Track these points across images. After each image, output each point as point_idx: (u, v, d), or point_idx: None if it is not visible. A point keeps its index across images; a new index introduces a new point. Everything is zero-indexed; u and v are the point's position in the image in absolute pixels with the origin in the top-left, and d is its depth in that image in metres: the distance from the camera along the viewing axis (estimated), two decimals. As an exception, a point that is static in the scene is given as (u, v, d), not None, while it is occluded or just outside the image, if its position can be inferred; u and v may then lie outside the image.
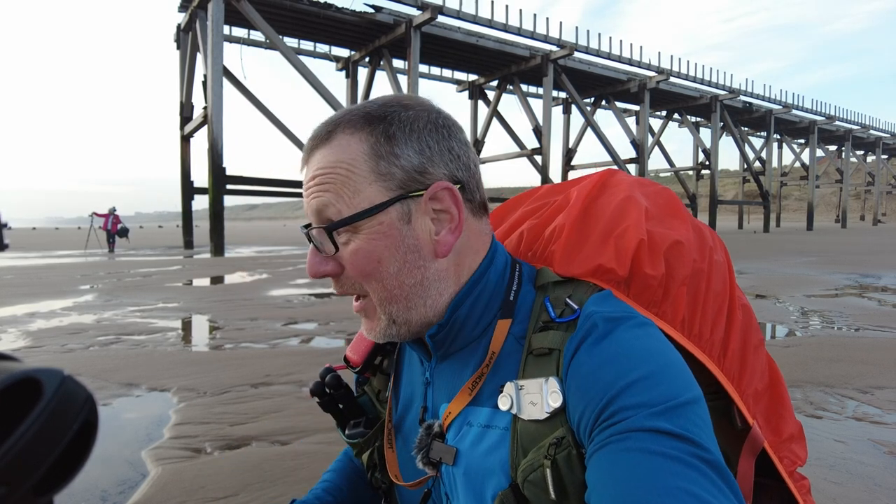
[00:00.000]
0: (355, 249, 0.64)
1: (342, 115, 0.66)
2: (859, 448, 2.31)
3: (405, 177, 0.64)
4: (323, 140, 0.66)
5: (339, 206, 0.63)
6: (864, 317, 5.42)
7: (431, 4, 17.33)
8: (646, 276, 0.70)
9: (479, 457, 0.63)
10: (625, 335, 0.59)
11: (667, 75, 25.26)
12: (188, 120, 18.42)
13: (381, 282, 0.65)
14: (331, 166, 0.64)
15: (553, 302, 0.66)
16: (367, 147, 0.64)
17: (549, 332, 0.63)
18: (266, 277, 9.58)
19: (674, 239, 0.73)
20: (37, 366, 0.26)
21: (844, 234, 31.44)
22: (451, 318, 0.67)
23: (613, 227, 0.72)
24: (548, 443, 0.57)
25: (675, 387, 0.54)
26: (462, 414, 0.66)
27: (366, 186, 0.63)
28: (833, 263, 11.59)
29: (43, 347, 4.29)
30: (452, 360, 0.70)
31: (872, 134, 44.80)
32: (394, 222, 0.64)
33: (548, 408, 0.58)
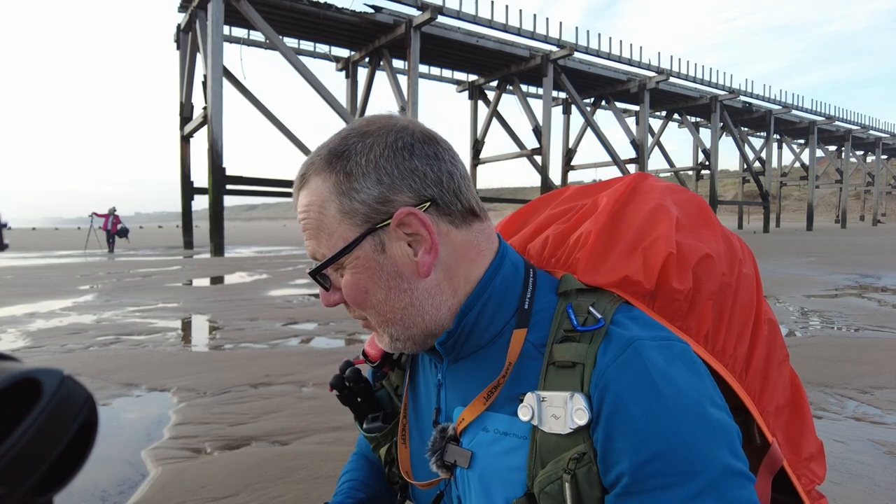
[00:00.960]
0: (345, 283, 0.67)
1: (313, 157, 0.69)
2: (859, 448, 2.31)
3: (368, 210, 0.64)
4: (300, 184, 0.69)
5: (321, 249, 0.67)
6: (863, 317, 5.42)
7: (431, 4, 17.33)
8: (672, 290, 0.68)
9: (495, 462, 0.63)
10: (663, 374, 0.57)
11: (666, 75, 25.26)
12: (188, 120, 18.41)
13: (374, 307, 0.68)
14: (306, 210, 0.67)
15: (575, 310, 0.64)
16: (330, 186, 0.65)
17: (572, 343, 0.61)
18: (266, 277, 9.58)
19: (704, 252, 0.71)
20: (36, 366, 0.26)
21: (844, 234, 31.45)
22: (459, 326, 0.67)
23: (642, 238, 0.71)
24: (568, 457, 0.57)
25: (717, 449, 0.54)
26: (478, 419, 0.66)
27: (336, 226, 0.65)
28: (833, 264, 11.60)
29: (43, 347, 4.29)
30: (465, 363, 0.70)
31: (872, 134, 44.81)
32: (369, 255, 0.65)
33: (572, 424, 0.57)
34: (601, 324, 0.61)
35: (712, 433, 0.55)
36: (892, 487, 1.97)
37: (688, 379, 0.58)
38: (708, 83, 27.75)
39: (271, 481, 2.07)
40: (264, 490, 2.00)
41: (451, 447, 0.67)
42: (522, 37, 20.35)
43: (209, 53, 15.20)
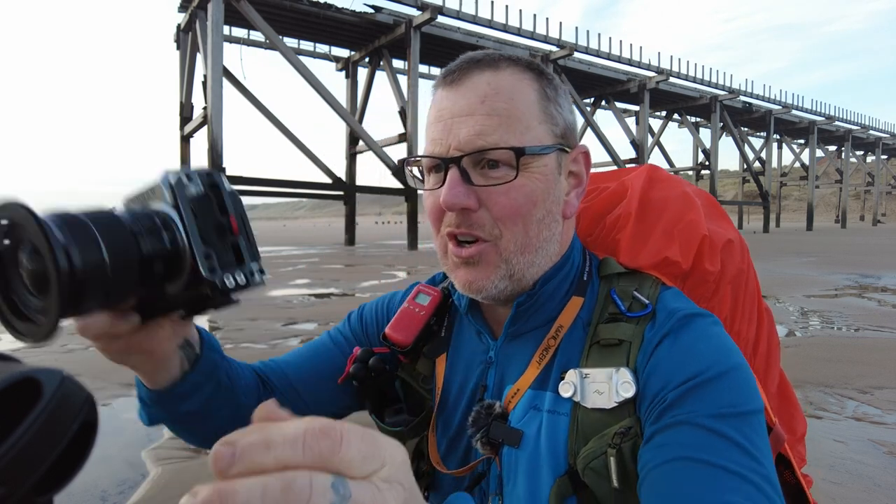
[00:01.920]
0: (517, 185, 0.61)
1: (497, 53, 0.65)
2: (859, 448, 2.31)
3: (564, 129, 0.65)
4: (489, 65, 0.63)
5: (506, 137, 0.60)
6: (863, 317, 5.42)
7: (431, 5, 17.33)
8: (704, 272, 0.72)
9: (545, 442, 0.62)
10: (706, 331, 0.60)
11: (666, 75, 25.26)
12: (188, 120, 18.42)
13: (526, 226, 0.62)
14: (496, 92, 0.61)
15: (620, 295, 0.66)
16: (536, 87, 0.63)
17: (620, 323, 0.63)
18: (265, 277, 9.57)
19: (727, 238, 0.75)
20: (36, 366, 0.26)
21: (844, 234, 31.45)
22: (540, 289, 0.66)
23: (676, 221, 0.73)
24: (613, 431, 0.57)
25: (746, 394, 0.56)
26: (529, 396, 0.65)
27: (536, 125, 0.62)
28: (833, 264, 11.60)
29: (43, 348, 4.29)
30: (521, 341, 0.68)
31: (872, 134, 44.81)
32: (552, 169, 0.64)
33: (617, 397, 0.58)
34: (649, 309, 0.63)
35: (749, 378, 0.58)
36: (892, 487, 1.97)
37: (725, 342, 0.61)
38: (708, 83, 27.76)
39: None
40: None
41: (497, 425, 0.64)
42: (522, 37, 20.34)
43: (209, 53, 15.20)
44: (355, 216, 21.00)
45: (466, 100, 0.61)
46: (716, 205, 0.82)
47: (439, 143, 0.62)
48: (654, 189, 0.77)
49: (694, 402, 0.54)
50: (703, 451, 0.51)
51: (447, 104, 0.63)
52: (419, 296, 0.79)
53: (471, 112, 0.61)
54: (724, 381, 0.56)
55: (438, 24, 18.93)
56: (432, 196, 0.65)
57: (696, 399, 0.54)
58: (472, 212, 0.61)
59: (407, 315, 0.77)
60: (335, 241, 25.10)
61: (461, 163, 0.61)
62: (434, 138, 0.63)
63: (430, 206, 0.66)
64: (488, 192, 0.61)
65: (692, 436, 0.52)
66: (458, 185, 0.60)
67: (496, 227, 0.62)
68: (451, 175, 0.61)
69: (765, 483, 0.50)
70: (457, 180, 0.60)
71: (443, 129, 0.62)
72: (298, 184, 17.71)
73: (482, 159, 0.61)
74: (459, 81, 0.63)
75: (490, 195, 0.61)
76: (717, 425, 0.52)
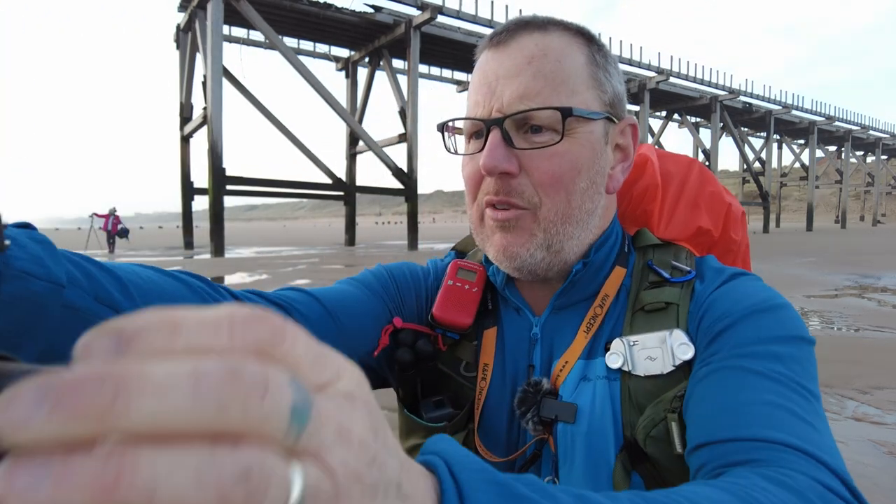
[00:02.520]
0: (561, 150, 0.58)
1: (546, 17, 0.63)
2: (859, 448, 2.31)
3: (613, 97, 0.63)
4: (538, 27, 0.60)
5: (552, 99, 0.57)
6: (863, 317, 5.42)
7: (431, 4, 17.34)
8: (730, 241, 0.74)
9: (601, 411, 0.58)
10: (756, 283, 0.60)
11: (666, 75, 25.27)
12: (188, 120, 18.42)
13: (568, 195, 0.59)
14: (545, 52, 0.58)
15: (658, 264, 0.65)
16: (585, 52, 0.61)
17: (664, 288, 0.61)
18: (266, 278, 9.58)
19: (742, 210, 0.77)
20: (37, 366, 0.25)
21: (844, 234, 31.44)
22: (592, 257, 0.64)
23: (699, 191, 0.74)
24: (671, 395, 0.55)
25: (800, 325, 0.56)
26: (578, 367, 0.61)
27: (584, 90, 0.60)
28: (832, 264, 11.59)
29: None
30: (566, 314, 0.65)
31: (872, 134, 44.82)
32: (599, 137, 0.61)
33: (675, 361, 0.56)
34: (692, 274, 0.62)
35: (791, 309, 0.57)
36: (892, 487, 1.97)
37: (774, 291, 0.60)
38: (708, 83, 27.76)
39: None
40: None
41: (548, 401, 0.60)
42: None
43: (209, 53, 15.20)
44: (355, 216, 21.00)
45: (512, 60, 0.58)
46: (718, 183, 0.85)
47: (481, 105, 0.59)
48: (668, 163, 0.76)
49: (746, 329, 0.54)
50: (747, 361, 0.51)
51: (492, 66, 0.60)
52: (461, 272, 0.70)
53: (517, 73, 0.58)
54: (779, 312, 0.55)
55: (438, 24, 18.93)
56: (472, 161, 0.62)
57: (748, 325, 0.54)
58: (511, 178, 0.58)
59: (457, 293, 0.68)
60: (335, 241, 25.09)
61: (503, 125, 0.58)
62: (476, 101, 0.60)
63: (469, 173, 0.63)
64: (530, 157, 0.58)
65: (739, 352, 0.52)
66: (498, 147, 0.57)
67: (536, 195, 0.58)
68: (492, 137, 0.58)
69: (810, 396, 0.49)
70: (498, 142, 0.57)
71: (486, 92, 0.59)
72: (298, 184, 17.71)
73: (526, 122, 0.58)
74: (506, 43, 0.60)
75: (532, 159, 0.58)
76: (768, 347, 0.52)
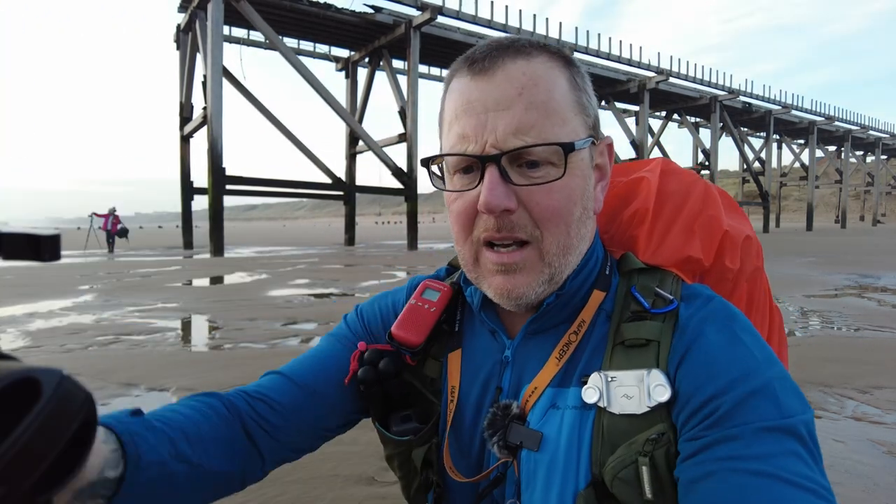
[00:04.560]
0: (559, 184, 0.57)
1: (524, 39, 0.61)
2: (858, 448, 2.31)
3: (594, 119, 0.62)
4: (520, 52, 0.58)
5: (546, 132, 0.56)
6: (863, 317, 5.42)
7: (431, 5, 17.33)
8: (724, 269, 0.69)
9: (566, 442, 0.57)
10: (750, 331, 0.57)
11: (666, 76, 25.26)
12: (188, 120, 18.41)
13: (567, 226, 0.58)
14: (534, 81, 0.56)
15: (641, 291, 0.62)
16: (567, 76, 0.60)
17: (645, 322, 0.58)
18: (265, 278, 9.58)
19: (746, 234, 0.72)
20: (35, 366, 0.26)
21: (844, 234, 31.45)
22: (567, 287, 0.62)
23: (697, 215, 0.70)
24: (644, 438, 0.53)
25: (800, 399, 0.53)
26: (548, 395, 0.60)
27: (573, 117, 0.58)
28: (832, 264, 11.59)
29: (42, 347, 4.29)
30: (540, 338, 0.64)
31: (871, 134, 44.81)
32: (587, 163, 0.60)
33: (650, 402, 0.54)
34: (674, 305, 0.59)
35: (793, 386, 0.55)
36: (892, 487, 1.97)
37: (768, 347, 0.58)
38: (708, 83, 27.76)
39: (269, 480, 2.07)
40: (262, 489, 2.00)
41: (515, 427, 0.60)
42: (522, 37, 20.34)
43: (209, 53, 15.19)
44: (355, 216, 20.99)
45: (501, 90, 0.56)
46: (731, 200, 0.79)
47: (472, 139, 0.57)
48: (671, 182, 0.73)
49: (747, 412, 0.50)
50: (762, 463, 0.47)
51: (478, 95, 0.57)
52: (427, 291, 0.73)
53: (508, 105, 0.55)
54: (778, 388, 0.52)
55: (438, 25, 18.92)
56: (462, 198, 0.59)
57: (750, 408, 0.50)
58: (510, 213, 0.57)
59: (416, 312, 0.71)
60: (335, 241, 25.09)
61: (500, 161, 0.56)
62: (465, 134, 0.57)
63: (461, 210, 0.60)
64: (529, 192, 0.56)
65: (749, 447, 0.49)
66: (499, 185, 0.55)
67: (536, 228, 0.57)
68: (490, 175, 0.56)
69: (826, 493, 0.48)
70: (497, 180, 0.55)
71: (476, 125, 0.56)
72: (298, 184, 17.70)
73: (521, 157, 0.56)
74: (490, 70, 0.57)
75: (531, 195, 0.56)
76: (775, 436, 0.49)
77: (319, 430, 0.72)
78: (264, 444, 0.67)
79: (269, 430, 0.67)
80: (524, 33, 20.04)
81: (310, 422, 0.70)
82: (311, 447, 0.73)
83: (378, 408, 0.71)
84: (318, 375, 0.71)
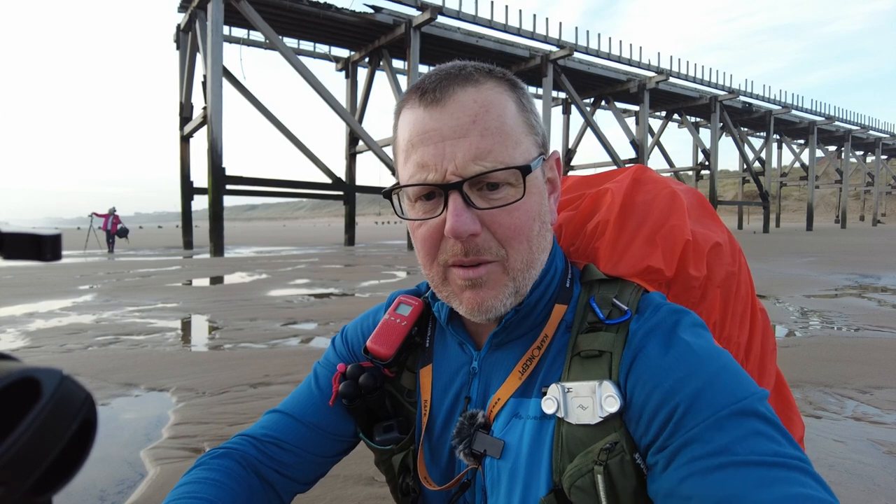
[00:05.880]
0: (519, 205, 0.59)
1: (469, 66, 0.63)
2: (858, 448, 2.31)
3: (542, 137, 0.64)
4: (468, 80, 0.60)
5: (503, 156, 0.58)
6: (863, 317, 5.42)
7: (431, 5, 17.33)
8: (689, 278, 0.70)
9: (527, 451, 0.60)
10: (691, 332, 0.58)
11: (666, 76, 25.26)
12: (188, 120, 18.41)
13: (529, 242, 0.61)
14: (486, 108, 0.59)
15: (599, 302, 0.64)
16: (515, 98, 0.62)
17: (599, 333, 0.60)
18: (265, 278, 9.58)
19: (714, 241, 0.73)
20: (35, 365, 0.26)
21: (844, 234, 31.45)
22: (525, 302, 0.64)
23: (660, 225, 0.71)
24: (599, 447, 0.55)
25: (746, 382, 0.54)
26: (511, 405, 0.63)
27: (524, 138, 0.61)
28: (832, 264, 11.59)
29: (41, 347, 4.29)
30: (506, 350, 0.67)
31: (872, 134, 44.81)
32: (541, 180, 0.63)
33: (602, 413, 0.55)
34: (627, 315, 0.61)
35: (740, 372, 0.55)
36: (892, 487, 1.97)
37: (711, 341, 0.59)
38: (708, 83, 27.75)
39: (270, 481, 2.07)
40: (263, 490, 2.00)
41: (480, 435, 0.63)
42: (522, 37, 20.34)
43: (209, 53, 15.19)
44: (355, 216, 20.99)
45: (455, 120, 0.58)
46: (706, 205, 0.80)
47: (432, 168, 0.59)
48: (639, 192, 0.75)
49: (702, 408, 0.51)
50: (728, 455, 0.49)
51: (433, 125, 0.59)
52: (400, 306, 0.77)
53: (464, 133, 0.58)
54: (723, 377, 0.54)
55: (438, 25, 18.93)
56: (426, 225, 0.61)
57: (703, 404, 0.52)
58: (475, 237, 0.59)
59: (388, 326, 0.75)
60: (335, 241, 25.09)
61: (462, 188, 0.58)
62: (424, 163, 0.59)
63: (426, 236, 0.62)
64: (491, 215, 0.59)
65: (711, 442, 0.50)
66: (463, 211, 0.58)
67: (501, 248, 0.60)
68: (454, 201, 0.58)
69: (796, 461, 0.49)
70: (462, 206, 0.58)
71: (434, 154, 0.58)
72: (298, 184, 17.70)
73: (481, 181, 0.59)
74: (441, 100, 0.59)
75: (494, 217, 0.59)
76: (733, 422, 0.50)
77: (329, 459, 0.77)
78: (281, 486, 0.73)
79: (284, 471, 0.73)
80: (524, 33, 20.06)
81: (319, 453, 0.76)
82: (321, 475, 0.79)
83: (363, 420, 0.75)
84: (317, 408, 0.76)
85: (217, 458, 0.71)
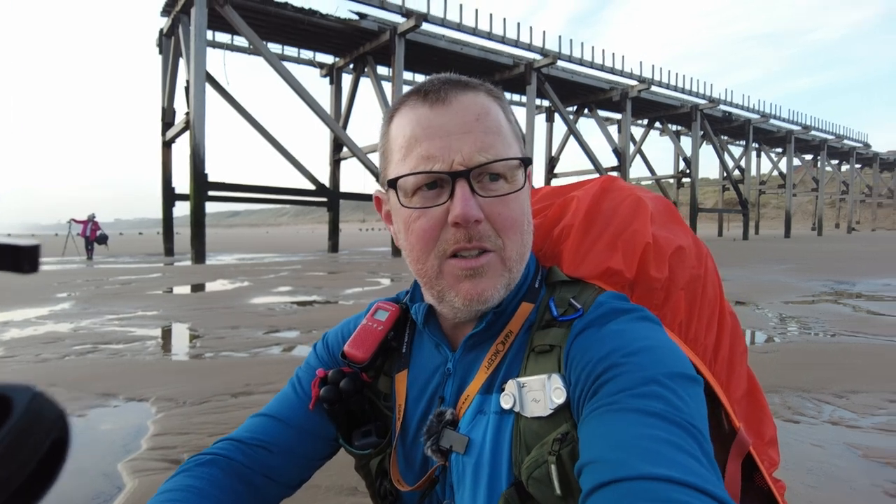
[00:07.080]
0: (513, 197, 0.64)
1: (467, 79, 0.68)
2: (835, 452, 2.35)
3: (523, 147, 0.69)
4: (467, 87, 0.66)
5: (503, 152, 0.64)
6: (839, 322, 5.53)
7: (416, 12, 17.41)
8: (650, 279, 0.72)
9: (490, 446, 0.62)
10: (629, 321, 0.61)
11: (648, 84, 25.65)
12: (170, 125, 18.21)
13: (521, 235, 0.65)
14: (491, 113, 0.65)
15: (557, 302, 0.67)
16: (501, 107, 0.68)
17: (551, 329, 0.64)
18: (248, 285, 9.47)
19: (677, 244, 0.75)
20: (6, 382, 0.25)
21: (820, 241, 32.10)
22: (502, 302, 0.67)
23: (622, 230, 0.74)
24: (552, 438, 0.57)
25: (672, 361, 0.55)
26: (477, 401, 0.65)
27: (513, 141, 0.67)
28: (810, 270, 11.82)
29: (16, 357, 4.18)
30: (478, 350, 0.69)
31: (846, 144, 45.92)
32: (526, 182, 0.68)
33: (551, 405, 0.58)
34: (579, 313, 0.63)
35: (677, 352, 0.57)
36: (868, 490, 2.00)
37: (649, 327, 0.60)
38: (689, 92, 28.25)
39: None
40: (244, 501, 1.97)
41: (447, 432, 0.65)
42: (506, 44, 20.51)
43: (192, 58, 15.06)
44: (339, 223, 20.90)
45: (461, 118, 0.63)
46: (672, 211, 0.82)
47: (439, 159, 0.62)
48: (605, 199, 0.78)
49: (619, 380, 0.54)
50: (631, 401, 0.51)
51: (439, 121, 0.63)
52: (378, 312, 0.80)
53: (469, 129, 0.62)
54: (658, 351, 0.56)
55: (423, 32, 19.01)
56: (427, 215, 0.63)
57: (620, 374, 0.54)
58: (478, 224, 0.62)
59: (365, 331, 0.78)
60: (318, 247, 24.93)
61: (469, 176, 0.62)
62: (430, 155, 0.62)
63: (427, 226, 0.63)
64: (491, 205, 0.63)
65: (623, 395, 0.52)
66: (471, 197, 0.61)
67: (499, 238, 0.64)
68: (462, 188, 0.61)
69: (695, 431, 0.49)
70: (469, 193, 0.61)
71: (441, 147, 0.62)
72: (282, 190, 17.58)
73: (483, 173, 0.63)
74: (446, 100, 0.64)
75: (493, 206, 0.63)
76: (650, 387, 0.52)
77: (313, 462, 0.78)
78: (267, 490, 0.74)
79: (271, 475, 0.74)
80: (508, 41, 20.23)
81: (305, 455, 0.77)
82: (305, 479, 0.79)
83: (344, 425, 0.77)
84: (301, 411, 0.78)
85: (202, 465, 0.71)
